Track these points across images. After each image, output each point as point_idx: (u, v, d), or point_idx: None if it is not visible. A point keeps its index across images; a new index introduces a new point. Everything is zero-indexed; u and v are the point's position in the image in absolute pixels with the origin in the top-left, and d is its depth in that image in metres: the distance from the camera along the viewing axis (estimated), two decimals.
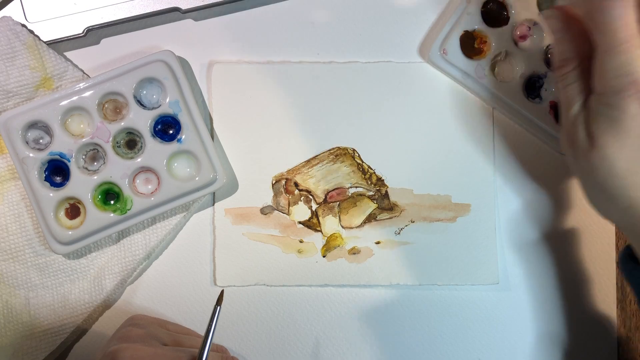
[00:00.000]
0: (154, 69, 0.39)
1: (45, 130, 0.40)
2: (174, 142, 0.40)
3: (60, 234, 0.39)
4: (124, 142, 0.40)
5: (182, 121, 0.40)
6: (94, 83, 0.39)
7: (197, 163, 0.40)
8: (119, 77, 0.39)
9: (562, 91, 0.34)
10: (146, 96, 0.40)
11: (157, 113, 0.40)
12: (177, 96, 0.40)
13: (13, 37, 0.39)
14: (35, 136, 0.40)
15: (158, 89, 0.40)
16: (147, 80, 0.40)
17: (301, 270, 0.42)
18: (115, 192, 0.40)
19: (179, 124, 0.40)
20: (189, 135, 0.40)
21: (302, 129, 0.42)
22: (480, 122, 0.43)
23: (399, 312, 0.43)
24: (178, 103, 0.40)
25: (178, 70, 0.40)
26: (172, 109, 0.40)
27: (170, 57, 0.40)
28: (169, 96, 0.40)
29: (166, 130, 0.40)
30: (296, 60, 0.43)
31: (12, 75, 0.40)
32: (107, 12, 0.41)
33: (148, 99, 0.40)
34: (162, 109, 0.40)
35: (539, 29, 0.42)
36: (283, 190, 0.42)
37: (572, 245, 0.43)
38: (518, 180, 0.43)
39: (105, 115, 0.40)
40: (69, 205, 0.40)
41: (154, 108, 0.40)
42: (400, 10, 0.43)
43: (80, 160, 0.40)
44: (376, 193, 0.43)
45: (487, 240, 0.42)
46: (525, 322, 0.43)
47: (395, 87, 0.43)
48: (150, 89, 0.40)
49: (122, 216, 0.39)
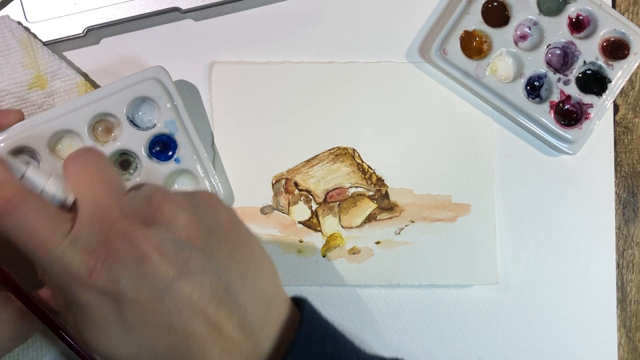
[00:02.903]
0: (147, 87, 0.38)
1: (32, 156, 0.37)
2: (171, 161, 0.39)
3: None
4: (117, 163, 0.39)
5: (179, 140, 0.38)
6: (83, 104, 0.37)
7: (195, 182, 0.39)
8: (110, 96, 0.37)
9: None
10: (140, 117, 0.39)
11: (153, 133, 0.38)
12: (173, 115, 0.38)
13: (9, 35, 0.39)
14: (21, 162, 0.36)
15: (151, 108, 0.39)
16: (139, 99, 0.38)
17: (301, 270, 0.42)
18: None
19: (175, 143, 0.39)
20: (186, 154, 0.39)
21: (302, 129, 0.42)
22: (481, 122, 0.43)
23: (399, 312, 0.43)
24: (174, 122, 0.38)
25: (171, 87, 0.39)
26: (168, 129, 0.38)
27: (163, 74, 0.38)
28: (164, 115, 0.38)
29: (162, 150, 0.39)
30: (296, 60, 0.43)
31: (5, 72, 0.39)
32: (107, 12, 0.40)
33: (142, 118, 0.39)
34: (158, 129, 0.38)
35: (539, 29, 0.42)
36: (283, 190, 0.42)
37: (572, 245, 0.43)
38: (518, 180, 0.43)
39: (96, 137, 0.38)
40: None
41: (149, 128, 0.38)
42: (400, 10, 0.43)
43: None
44: (376, 193, 0.43)
45: (487, 240, 0.42)
46: (525, 322, 0.43)
47: (395, 87, 0.43)
48: (143, 108, 0.39)
49: None
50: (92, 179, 0.28)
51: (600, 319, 0.43)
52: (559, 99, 0.42)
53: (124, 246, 0.26)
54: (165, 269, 0.27)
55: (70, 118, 0.37)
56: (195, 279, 0.27)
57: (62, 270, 0.26)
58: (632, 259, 0.44)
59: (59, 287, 0.27)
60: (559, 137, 0.42)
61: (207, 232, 0.29)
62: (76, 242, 0.26)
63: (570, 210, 0.43)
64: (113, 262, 0.26)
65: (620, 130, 0.44)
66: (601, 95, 0.41)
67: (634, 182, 0.44)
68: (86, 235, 0.27)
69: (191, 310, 0.27)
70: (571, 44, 0.42)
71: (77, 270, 0.26)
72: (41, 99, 0.40)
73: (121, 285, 0.26)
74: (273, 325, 0.29)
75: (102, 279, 0.26)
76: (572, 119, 0.42)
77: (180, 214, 0.28)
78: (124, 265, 0.26)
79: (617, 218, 0.44)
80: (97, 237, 0.27)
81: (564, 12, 0.42)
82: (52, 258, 0.26)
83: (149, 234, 0.27)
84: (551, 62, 0.42)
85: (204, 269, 0.27)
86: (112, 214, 0.27)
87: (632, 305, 0.43)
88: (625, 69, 0.41)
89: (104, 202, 0.28)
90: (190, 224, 0.28)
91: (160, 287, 0.26)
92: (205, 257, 0.28)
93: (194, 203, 0.29)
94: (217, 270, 0.28)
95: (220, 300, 0.28)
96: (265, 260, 0.31)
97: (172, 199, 0.29)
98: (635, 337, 0.43)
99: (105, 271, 0.26)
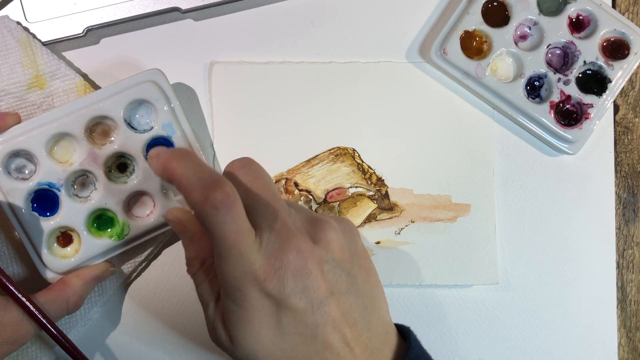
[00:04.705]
0: (144, 90, 0.38)
1: (28, 159, 0.37)
2: None
3: (54, 264, 0.37)
4: (114, 165, 0.39)
5: (177, 143, 0.38)
6: (80, 107, 0.37)
7: None
8: (107, 99, 0.37)
9: (196, 291, 0.33)
10: (137, 119, 0.38)
11: (150, 136, 0.38)
12: (170, 117, 0.38)
13: (8, 35, 0.39)
14: (18, 165, 0.37)
15: (149, 110, 0.38)
16: (136, 102, 0.38)
17: None
18: (109, 217, 0.38)
19: (173, 146, 0.38)
20: None
21: (302, 129, 0.42)
22: (481, 122, 0.43)
23: (399, 312, 0.43)
24: (171, 125, 0.38)
25: (168, 90, 0.38)
26: (166, 131, 0.38)
27: (160, 77, 0.38)
28: (161, 118, 0.38)
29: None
30: (296, 60, 0.43)
31: (4, 72, 0.39)
32: (107, 12, 0.40)
33: (139, 121, 0.38)
34: (155, 132, 0.38)
35: (539, 29, 0.42)
36: (283, 190, 0.42)
37: (572, 245, 0.43)
38: (518, 180, 0.43)
39: (93, 140, 0.38)
40: (60, 233, 0.38)
41: (146, 130, 0.38)
42: (400, 10, 0.43)
43: (71, 189, 0.38)
44: (376, 193, 0.43)
45: (487, 240, 0.42)
46: (525, 322, 0.43)
47: (395, 87, 0.43)
48: (141, 110, 0.38)
49: (119, 241, 0.38)
50: (264, 190, 0.31)
51: (600, 319, 0.43)
52: (559, 99, 0.42)
53: (296, 259, 0.29)
54: (322, 286, 0.30)
55: (67, 121, 0.37)
56: (341, 299, 0.30)
57: (244, 268, 0.29)
58: (632, 259, 0.44)
59: (231, 283, 0.29)
60: (559, 137, 0.42)
61: (352, 257, 0.32)
62: (261, 246, 0.29)
63: (570, 210, 0.43)
64: (285, 271, 0.29)
65: (620, 130, 0.44)
66: (601, 95, 0.41)
67: (634, 182, 0.44)
68: (268, 242, 0.29)
69: (333, 326, 0.30)
70: (571, 44, 0.42)
71: (256, 271, 0.29)
72: (40, 99, 0.40)
73: (286, 293, 0.29)
74: (389, 350, 0.32)
75: (273, 284, 0.29)
76: (572, 119, 0.42)
77: (336, 237, 0.31)
78: (293, 275, 0.29)
79: (617, 218, 0.44)
80: (275, 244, 0.29)
81: (564, 12, 0.42)
82: (242, 255, 0.29)
83: (315, 251, 0.30)
84: (551, 62, 0.42)
85: (348, 291, 0.31)
86: (289, 227, 0.30)
87: (632, 305, 0.43)
88: (625, 69, 0.41)
89: (280, 214, 0.30)
90: (342, 248, 0.31)
91: (316, 301, 0.29)
92: (349, 280, 0.31)
93: (343, 229, 0.32)
94: (357, 294, 0.31)
95: (356, 321, 0.31)
96: (382, 289, 0.34)
97: (330, 223, 0.32)
98: (635, 337, 0.43)
99: (277, 277, 0.29)
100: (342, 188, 0.43)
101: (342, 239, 0.31)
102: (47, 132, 0.37)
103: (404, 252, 0.42)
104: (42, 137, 0.36)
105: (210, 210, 0.28)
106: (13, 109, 0.40)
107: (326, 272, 0.30)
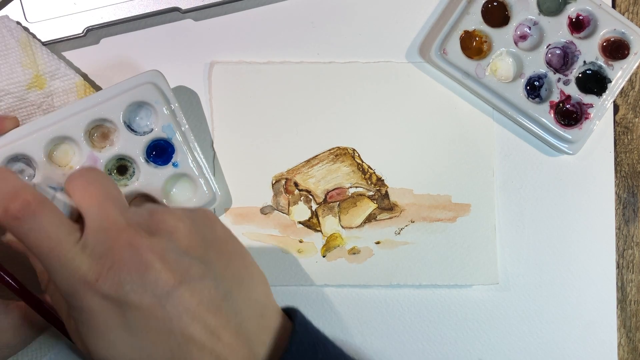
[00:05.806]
0: (143, 92, 0.37)
1: (27, 163, 0.37)
2: (169, 166, 0.38)
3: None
4: (114, 168, 0.39)
5: (177, 144, 0.38)
6: (79, 110, 0.37)
7: (193, 186, 0.39)
8: (106, 102, 0.37)
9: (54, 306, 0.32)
10: (137, 122, 0.38)
11: (150, 138, 0.38)
12: (170, 119, 0.38)
13: (7, 35, 0.39)
14: (16, 169, 0.37)
15: (148, 112, 0.38)
16: (136, 104, 0.38)
17: (301, 270, 0.42)
18: None
19: (173, 147, 0.38)
20: (184, 158, 0.38)
21: (302, 129, 0.42)
22: (481, 122, 0.43)
23: (399, 312, 0.43)
24: (171, 126, 0.38)
25: (168, 91, 0.38)
26: (166, 133, 0.38)
27: (159, 78, 0.38)
28: (161, 120, 0.38)
29: (160, 154, 0.39)
30: (296, 60, 0.43)
31: (4, 72, 0.39)
32: (107, 12, 0.40)
33: (138, 123, 0.38)
34: (155, 134, 0.38)
35: (539, 29, 0.42)
36: (283, 190, 0.42)
37: (572, 245, 0.43)
38: (518, 180, 0.43)
39: (93, 143, 0.38)
40: None
41: (146, 132, 0.38)
42: (400, 10, 0.43)
43: None
44: (376, 193, 0.43)
45: (487, 240, 0.42)
46: (525, 322, 0.43)
47: (395, 87, 0.43)
48: (140, 113, 0.38)
49: None
50: (97, 193, 0.30)
51: (600, 319, 0.43)
52: (559, 99, 0.42)
53: (128, 254, 0.28)
54: (167, 276, 0.28)
55: (66, 124, 0.37)
56: (195, 287, 0.28)
57: (70, 275, 0.27)
58: (632, 259, 0.44)
59: (64, 291, 0.28)
60: (559, 137, 0.42)
61: (205, 243, 0.30)
62: (85, 248, 0.28)
63: (570, 210, 0.43)
64: (118, 268, 0.27)
65: (620, 130, 0.44)
66: (601, 95, 0.41)
67: (634, 182, 0.44)
68: (94, 243, 0.28)
69: (191, 316, 0.28)
70: (571, 44, 0.42)
71: (84, 275, 0.27)
72: (40, 99, 0.40)
73: (125, 291, 0.27)
74: (267, 334, 0.30)
75: (107, 284, 0.27)
76: (572, 119, 0.42)
77: (180, 225, 0.30)
78: (128, 271, 0.27)
79: (617, 218, 0.44)
80: (104, 244, 0.28)
81: (564, 12, 0.42)
82: (63, 262, 0.27)
83: (152, 243, 0.28)
84: (551, 62, 0.42)
85: (203, 277, 0.29)
86: (118, 224, 0.29)
87: (632, 305, 0.43)
88: (625, 69, 0.41)
89: (110, 213, 0.29)
90: (190, 235, 0.30)
91: (162, 293, 0.28)
92: (204, 266, 0.29)
93: (193, 217, 0.31)
94: (216, 279, 0.29)
95: (219, 307, 0.29)
96: (258, 271, 0.32)
97: (173, 213, 0.30)
98: (635, 337, 0.43)
99: (110, 277, 0.27)
100: (342, 188, 0.43)
101: (189, 226, 0.30)
102: (46, 136, 0.36)
103: (404, 252, 0.42)
104: (40, 141, 0.36)
105: (12, 221, 0.27)
106: (13, 109, 0.40)
107: (171, 262, 0.28)
